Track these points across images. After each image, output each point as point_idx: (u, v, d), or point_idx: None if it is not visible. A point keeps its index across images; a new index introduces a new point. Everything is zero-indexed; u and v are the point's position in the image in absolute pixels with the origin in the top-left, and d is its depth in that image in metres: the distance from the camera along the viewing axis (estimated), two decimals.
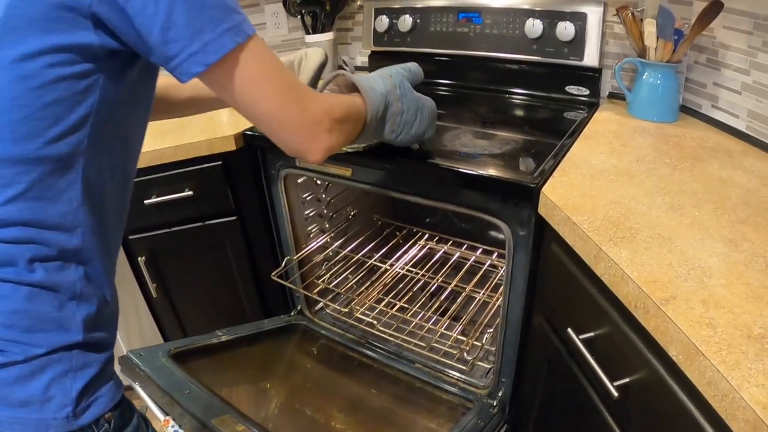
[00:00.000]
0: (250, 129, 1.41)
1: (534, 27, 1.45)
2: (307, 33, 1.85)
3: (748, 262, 0.76)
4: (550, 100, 1.51)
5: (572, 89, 1.48)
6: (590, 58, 1.41)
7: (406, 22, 1.66)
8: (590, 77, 1.45)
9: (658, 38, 1.26)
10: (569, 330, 0.90)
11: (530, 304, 1.12)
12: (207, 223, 1.46)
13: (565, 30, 1.40)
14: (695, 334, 0.63)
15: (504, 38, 1.53)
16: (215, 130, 1.43)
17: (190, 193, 1.38)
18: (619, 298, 0.76)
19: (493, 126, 1.34)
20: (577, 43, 1.41)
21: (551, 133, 1.30)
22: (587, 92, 1.46)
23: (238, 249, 1.55)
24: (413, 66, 1.04)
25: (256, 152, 1.41)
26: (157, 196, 1.40)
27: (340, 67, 1.65)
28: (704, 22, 1.21)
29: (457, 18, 1.59)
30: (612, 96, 1.54)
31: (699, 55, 1.34)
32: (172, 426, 1.05)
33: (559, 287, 0.98)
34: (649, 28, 1.25)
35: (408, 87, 0.99)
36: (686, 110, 1.39)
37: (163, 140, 1.38)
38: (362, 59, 1.99)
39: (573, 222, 0.86)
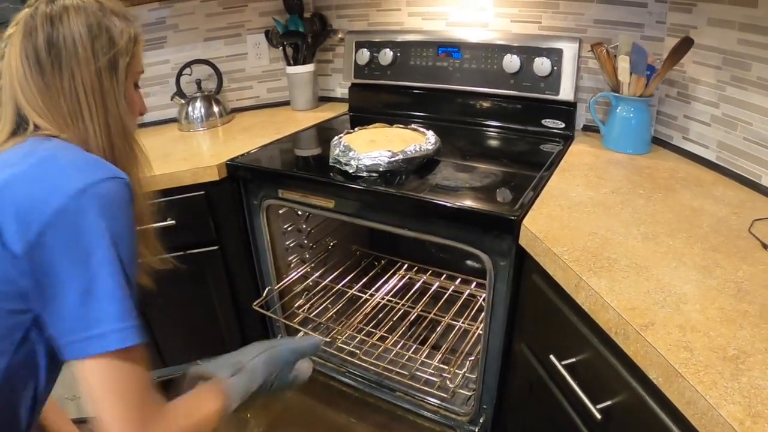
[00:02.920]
0: (232, 159, 1.44)
1: (512, 62, 1.52)
2: (289, 64, 1.90)
3: (721, 287, 0.81)
4: (526, 132, 1.58)
5: (548, 122, 1.55)
6: (566, 92, 1.48)
7: (386, 55, 1.72)
8: (565, 111, 1.52)
9: (631, 74, 1.34)
10: (551, 357, 0.94)
11: (511, 332, 1.17)
12: (188, 252, 1.48)
13: (542, 65, 1.48)
14: (674, 357, 0.67)
15: (482, 73, 1.60)
16: (198, 159, 1.46)
17: (173, 222, 1.40)
18: (600, 324, 0.81)
19: (472, 158, 1.39)
20: (554, 78, 1.49)
21: (529, 165, 1.36)
22: (563, 125, 1.53)
23: (218, 278, 1.56)
24: (309, 348, 0.98)
25: (238, 183, 1.45)
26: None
27: None
28: (675, 58, 1.30)
29: (436, 52, 1.66)
30: (586, 128, 1.62)
31: (670, 89, 1.43)
32: None
33: (540, 315, 1.03)
34: (623, 64, 1.33)
35: (285, 378, 0.94)
36: (658, 141, 1.48)
37: None
38: (342, 91, 2.05)
39: (554, 253, 0.91)
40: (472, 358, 1.43)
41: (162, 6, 1.79)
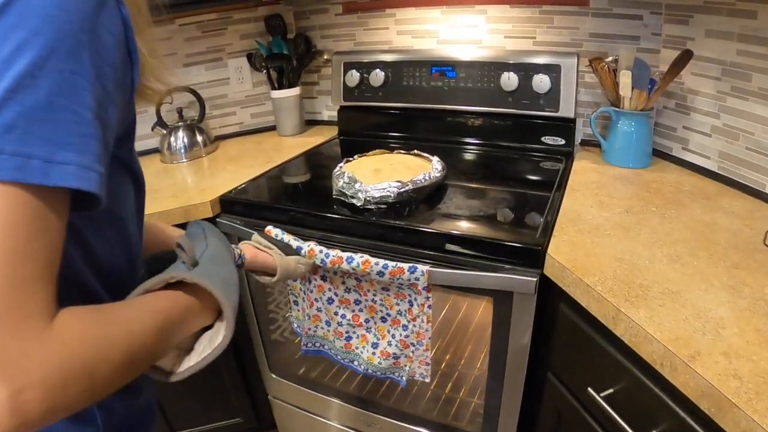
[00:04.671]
0: (226, 194, 1.43)
1: (509, 80, 1.55)
2: (273, 88, 1.90)
3: (752, 307, 0.84)
4: (526, 151, 1.61)
5: (548, 139, 1.58)
6: (566, 109, 1.52)
7: (377, 76, 1.73)
8: (565, 127, 1.56)
9: (633, 88, 1.38)
10: (589, 389, 0.95)
11: (535, 362, 1.18)
12: None
13: (541, 82, 1.51)
14: (725, 387, 0.69)
15: (479, 92, 1.62)
16: (189, 196, 1.44)
17: None
18: (643, 357, 0.82)
19: (479, 181, 1.41)
20: (553, 94, 1.52)
21: (538, 186, 1.38)
22: (563, 142, 1.57)
23: None
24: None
25: (235, 219, 1.43)
26: None
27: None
28: (676, 71, 1.34)
29: (430, 72, 1.68)
30: (584, 143, 1.66)
31: (668, 100, 1.47)
32: None
33: (572, 346, 1.04)
34: (625, 79, 1.37)
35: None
36: (657, 153, 1.52)
37: None
38: (330, 113, 2.05)
39: (586, 284, 0.93)
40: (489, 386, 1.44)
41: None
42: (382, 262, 1.11)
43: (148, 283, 0.62)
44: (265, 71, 1.89)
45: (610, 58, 1.47)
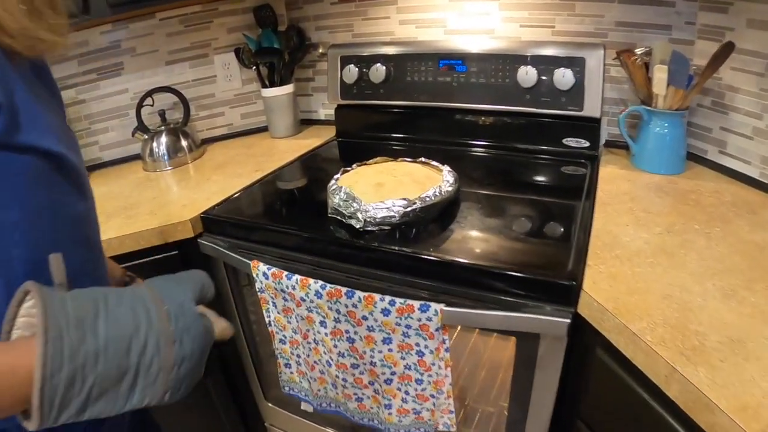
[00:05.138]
0: (208, 211, 1.28)
1: (528, 75, 1.40)
2: (264, 86, 1.75)
3: None
4: (546, 154, 1.46)
5: (570, 141, 1.43)
6: (591, 107, 1.36)
7: (378, 71, 1.58)
8: (590, 128, 1.41)
9: (668, 85, 1.22)
10: None
11: (563, 405, 1.04)
12: None
13: (563, 78, 1.36)
14: None
15: (493, 88, 1.47)
16: (167, 213, 1.30)
17: None
18: (703, 427, 0.69)
19: (495, 192, 1.26)
20: (576, 91, 1.37)
21: (562, 195, 1.24)
22: (587, 144, 1.41)
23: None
24: (203, 276, 0.72)
25: (218, 239, 1.29)
26: None
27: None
28: (716, 65, 1.19)
29: (437, 66, 1.52)
30: (608, 144, 1.51)
31: (703, 98, 1.32)
32: None
33: (608, 396, 0.90)
34: (660, 74, 1.22)
35: (192, 315, 0.63)
36: (691, 156, 1.36)
37: (106, 226, 1.24)
38: (326, 112, 1.91)
39: (632, 332, 0.78)
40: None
41: (115, 28, 1.62)
42: (388, 298, 0.96)
43: None
44: (254, 67, 1.74)
45: (640, 50, 1.31)
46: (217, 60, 1.79)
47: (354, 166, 1.30)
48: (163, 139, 1.65)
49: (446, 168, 1.21)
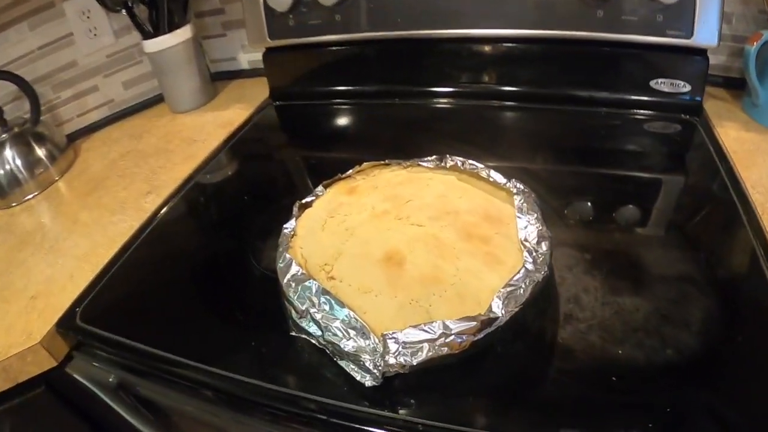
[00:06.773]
0: (67, 316, 0.69)
1: None
2: (145, 36, 1.09)
3: None
4: (623, 107, 0.93)
5: (661, 84, 0.90)
6: (704, 33, 0.82)
7: None
8: (694, 64, 0.88)
9: None
10: None
11: None
12: None
13: None
14: None
15: (533, 2, 0.90)
16: (4, 331, 0.69)
17: None
18: None
19: (566, 200, 0.73)
20: (682, 8, 0.82)
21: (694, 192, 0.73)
22: (687, 88, 0.89)
23: None
24: None
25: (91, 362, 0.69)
26: None
27: None
28: None
29: None
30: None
31: None
32: None
33: None
34: None
35: None
36: None
37: None
38: (251, 57, 1.26)
39: None
40: None
41: None
42: None
43: None
44: (124, 9, 1.07)
45: None
46: (69, 9, 1.09)
47: (318, 189, 0.72)
48: (8, 153, 0.99)
49: (514, 186, 0.66)
